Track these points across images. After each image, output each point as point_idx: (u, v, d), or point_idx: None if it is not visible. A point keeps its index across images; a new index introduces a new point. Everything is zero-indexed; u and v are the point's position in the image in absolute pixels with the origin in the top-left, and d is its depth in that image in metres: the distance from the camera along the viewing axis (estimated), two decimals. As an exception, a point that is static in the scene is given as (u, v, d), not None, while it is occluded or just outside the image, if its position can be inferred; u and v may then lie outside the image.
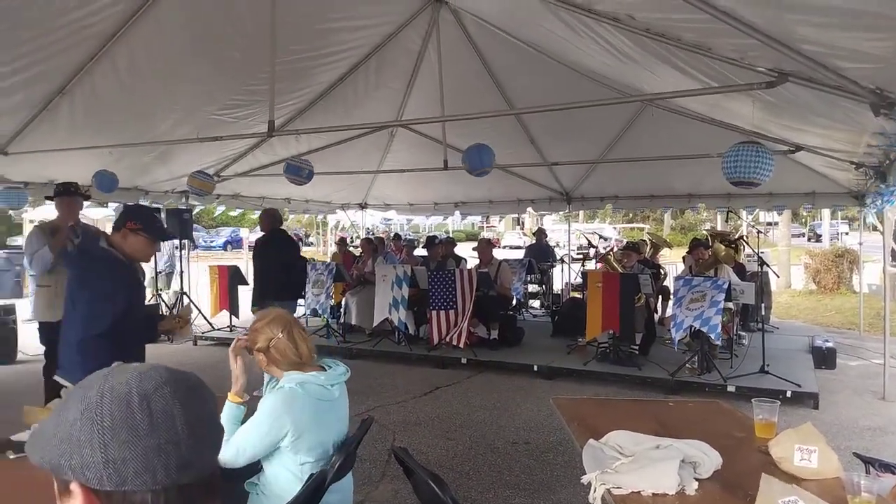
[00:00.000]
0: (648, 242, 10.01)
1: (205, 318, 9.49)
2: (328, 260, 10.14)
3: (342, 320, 8.85)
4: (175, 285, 9.79)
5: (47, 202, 8.62)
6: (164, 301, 9.55)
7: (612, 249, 9.52)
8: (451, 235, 14.92)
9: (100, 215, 15.53)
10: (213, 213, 21.40)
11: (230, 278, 9.15)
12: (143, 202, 8.90)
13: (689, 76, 4.23)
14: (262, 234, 7.45)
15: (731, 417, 2.74)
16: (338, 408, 2.41)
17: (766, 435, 2.42)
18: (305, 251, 18.14)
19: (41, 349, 5.20)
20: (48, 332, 4.82)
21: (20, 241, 21.04)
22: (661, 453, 2.01)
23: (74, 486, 0.79)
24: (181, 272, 9.70)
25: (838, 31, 2.66)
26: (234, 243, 30.32)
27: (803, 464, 2.07)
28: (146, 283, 9.30)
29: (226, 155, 8.70)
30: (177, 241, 9.91)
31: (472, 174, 6.60)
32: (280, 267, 7.14)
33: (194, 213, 10.16)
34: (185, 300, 9.55)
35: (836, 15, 2.50)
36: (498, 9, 6.06)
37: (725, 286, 6.00)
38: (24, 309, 8.24)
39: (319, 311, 8.46)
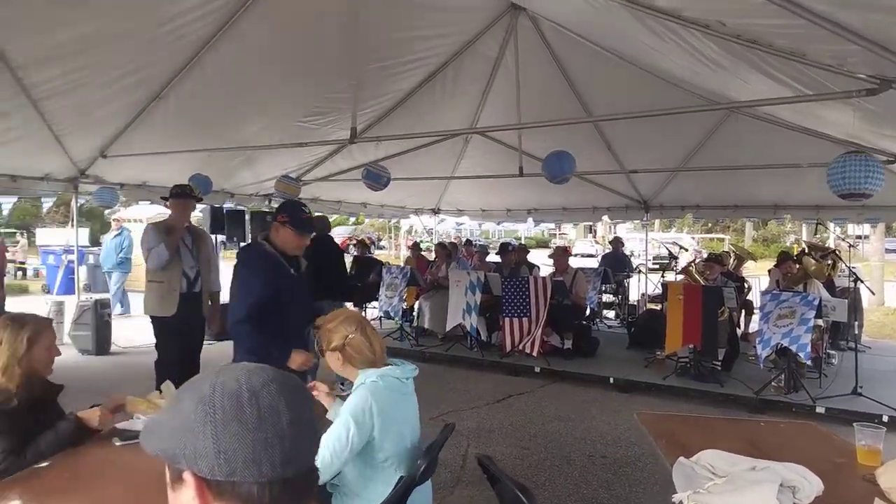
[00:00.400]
0: (732, 254, 9.65)
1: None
2: (401, 264, 10.28)
3: (415, 324, 8.93)
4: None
5: (140, 203, 9.10)
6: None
7: (694, 261, 9.21)
8: (523, 242, 14.83)
9: (151, 212, 16.23)
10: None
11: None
12: (229, 204, 9.28)
13: (782, 83, 4.06)
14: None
15: (829, 441, 2.60)
16: (411, 404, 2.46)
17: (870, 462, 2.29)
18: (378, 254, 18.46)
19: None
20: (160, 326, 4.97)
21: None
22: (758, 475, 1.93)
23: (187, 475, 0.83)
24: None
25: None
26: (311, 245, 31.07)
27: (916, 496, 1.94)
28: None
29: (306, 160, 8.95)
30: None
31: (551, 181, 6.55)
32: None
33: (274, 215, 10.50)
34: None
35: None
36: (578, 15, 6.00)
37: (816, 302, 5.71)
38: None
39: (392, 314, 8.57)
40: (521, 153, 7.19)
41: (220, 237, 9.71)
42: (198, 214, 17.20)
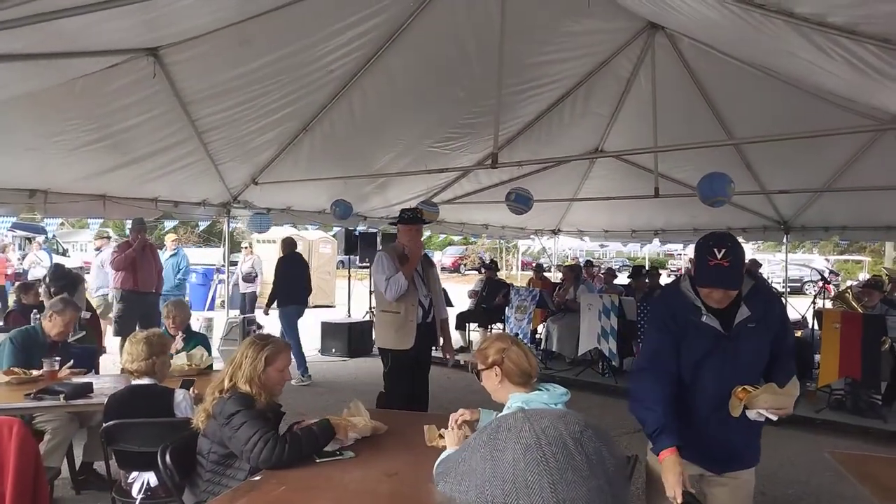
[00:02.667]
0: (886, 278, 8.92)
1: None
2: (514, 284, 10.29)
3: (542, 346, 8.89)
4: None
5: (285, 225, 9.59)
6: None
7: (849, 287, 8.59)
8: (652, 265, 14.40)
9: (286, 233, 17.03)
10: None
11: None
12: (361, 227, 9.68)
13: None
14: (282, 255, 8.48)
15: None
16: None
17: None
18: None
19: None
20: (397, 360, 4.66)
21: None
22: None
23: None
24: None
25: None
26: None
27: None
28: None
29: (434, 185, 9.19)
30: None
31: (705, 203, 6.40)
32: (294, 279, 8.20)
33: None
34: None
35: None
36: (723, 32, 5.82)
37: None
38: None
39: (522, 337, 8.57)
40: (658, 175, 7.01)
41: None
42: (327, 236, 18.11)
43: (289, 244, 8.59)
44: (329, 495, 2.17)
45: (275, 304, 8.15)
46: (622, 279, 12.67)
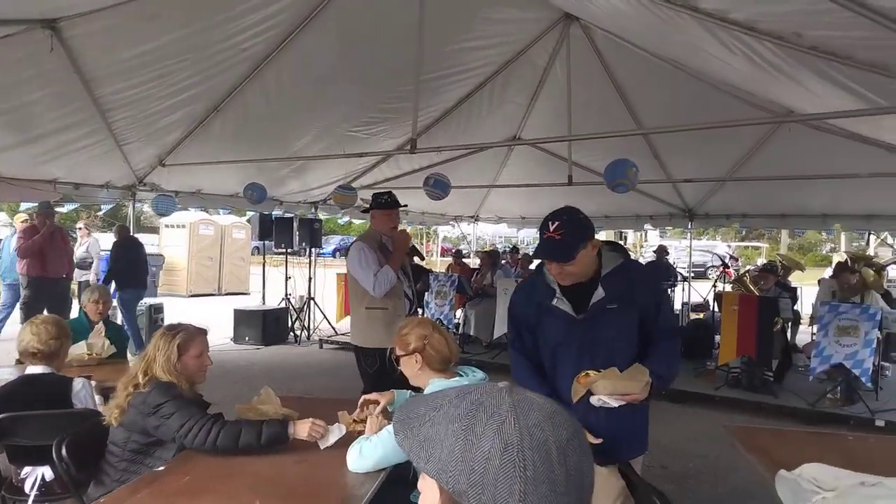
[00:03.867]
0: (779, 264, 9.54)
1: (329, 323, 9.96)
2: (433, 270, 10.37)
3: (460, 331, 8.99)
4: (302, 290, 10.27)
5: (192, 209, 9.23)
6: (292, 305, 10.03)
7: (746, 271, 9.13)
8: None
9: (195, 218, 16.48)
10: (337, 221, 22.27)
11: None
12: (277, 212, 9.45)
13: (857, 95, 4.04)
14: (116, 240, 8.43)
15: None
16: None
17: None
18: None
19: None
20: (381, 358, 4.01)
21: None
22: (872, 491, 1.94)
23: None
24: (309, 278, 10.19)
25: None
26: (343, 251, 31.43)
27: None
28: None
29: (353, 169, 9.08)
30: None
31: (610, 187, 6.61)
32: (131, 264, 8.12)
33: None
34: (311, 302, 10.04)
35: None
36: (634, 24, 6.01)
37: (878, 316, 5.64)
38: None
39: (443, 321, 8.63)
40: (571, 163, 7.20)
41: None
42: (241, 221, 17.56)
43: (122, 229, 8.52)
44: (236, 483, 2.12)
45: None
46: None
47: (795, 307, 9.02)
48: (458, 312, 9.31)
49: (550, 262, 2.33)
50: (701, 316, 10.14)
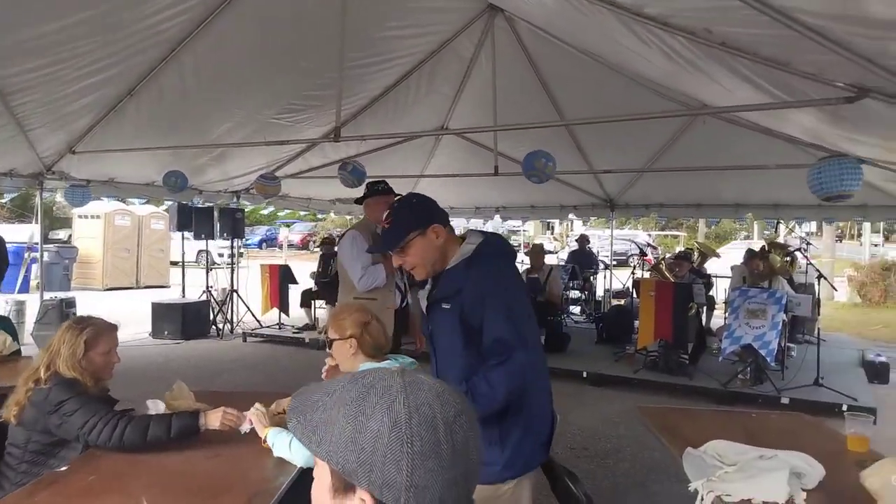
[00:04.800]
0: (696, 251, 9.97)
1: (253, 315, 9.72)
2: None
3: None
4: (224, 282, 9.97)
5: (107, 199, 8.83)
6: (213, 298, 9.74)
7: (663, 258, 9.48)
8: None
9: (109, 208, 15.78)
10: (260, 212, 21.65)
11: (281, 277, 9.33)
12: (197, 201, 9.13)
13: (762, 90, 4.24)
14: None
15: (819, 430, 2.76)
16: None
17: (859, 449, 2.44)
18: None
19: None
20: None
21: (61, 234, 21.62)
22: (768, 463, 2.06)
23: (366, 496, 0.79)
24: (231, 270, 9.90)
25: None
26: (270, 241, 30.74)
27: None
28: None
29: (277, 158, 8.87)
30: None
31: (530, 180, 6.71)
32: None
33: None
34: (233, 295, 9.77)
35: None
36: (557, 17, 6.11)
37: (784, 300, 5.98)
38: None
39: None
40: (497, 154, 7.27)
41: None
42: (160, 211, 16.90)
43: None
44: (143, 481, 2.03)
45: None
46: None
47: (710, 293, 9.49)
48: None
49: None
50: (622, 302, 10.49)
